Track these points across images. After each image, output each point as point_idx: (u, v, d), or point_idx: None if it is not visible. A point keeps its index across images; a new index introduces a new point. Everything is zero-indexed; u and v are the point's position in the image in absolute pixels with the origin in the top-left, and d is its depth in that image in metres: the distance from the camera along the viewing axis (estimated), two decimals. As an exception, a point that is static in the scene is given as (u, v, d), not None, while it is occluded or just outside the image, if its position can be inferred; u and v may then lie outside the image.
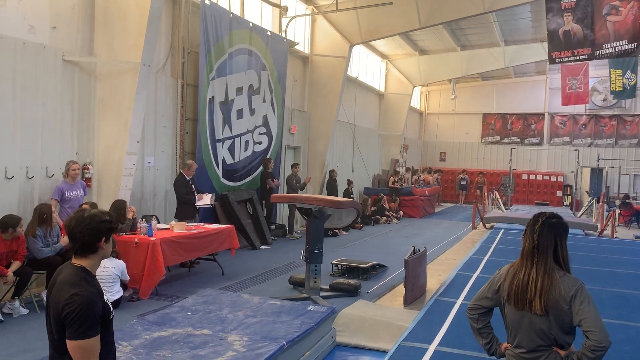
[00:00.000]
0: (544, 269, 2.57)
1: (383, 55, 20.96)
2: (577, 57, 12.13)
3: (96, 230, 2.46)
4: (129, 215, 7.46)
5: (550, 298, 2.52)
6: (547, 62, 18.76)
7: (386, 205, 17.43)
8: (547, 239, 2.61)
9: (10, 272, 5.96)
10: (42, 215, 6.42)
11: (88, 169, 7.86)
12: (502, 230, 14.55)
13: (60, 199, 7.12)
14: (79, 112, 7.83)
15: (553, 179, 25.42)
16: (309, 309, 5.49)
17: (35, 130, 7.16)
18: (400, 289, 7.41)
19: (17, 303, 6.11)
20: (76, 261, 2.48)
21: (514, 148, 24.56)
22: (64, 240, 6.48)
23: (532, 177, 25.74)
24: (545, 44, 15.13)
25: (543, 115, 25.86)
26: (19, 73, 6.86)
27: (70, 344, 2.30)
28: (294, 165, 13.08)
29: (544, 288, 2.52)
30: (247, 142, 11.75)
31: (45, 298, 6.25)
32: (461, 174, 25.32)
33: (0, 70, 6.62)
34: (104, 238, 2.49)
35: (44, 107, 7.25)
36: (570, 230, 11.43)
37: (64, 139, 7.60)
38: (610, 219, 15.15)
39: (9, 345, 5.13)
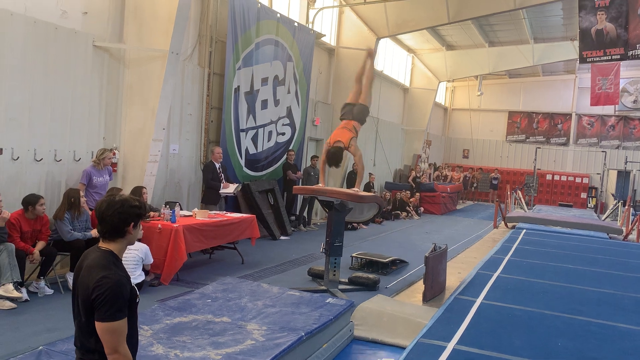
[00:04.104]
0: None
1: (409, 49, 20.79)
2: (609, 57, 11.88)
3: (126, 214, 2.50)
4: (145, 198, 7.54)
5: None
6: (577, 61, 18.45)
7: (409, 200, 17.37)
8: None
9: (36, 250, 6.10)
10: (70, 199, 6.53)
11: (114, 154, 7.97)
12: (524, 230, 14.37)
13: (87, 184, 7.25)
14: (107, 98, 7.94)
15: (578, 180, 25.02)
16: (327, 301, 5.51)
17: (65, 114, 7.28)
18: (420, 286, 7.39)
19: (42, 283, 6.24)
20: (104, 245, 2.52)
21: (539, 147, 24.21)
22: (95, 232, 6.61)
23: (556, 177, 25.37)
24: (576, 43, 14.83)
25: (570, 115, 25.42)
26: (50, 57, 6.98)
27: (99, 326, 2.35)
28: (313, 157, 13.02)
29: None
30: (270, 133, 11.79)
31: (70, 280, 6.39)
32: (493, 173, 25.10)
33: (33, 54, 6.74)
34: (132, 223, 2.53)
35: (74, 92, 7.37)
36: (594, 234, 11.33)
37: (91, 124, 7.72)
38: (636, 223, 14.86)
39: (34, 324, 5.26)
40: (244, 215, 8.95)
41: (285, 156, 12.22)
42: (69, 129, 7.37)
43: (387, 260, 8.70)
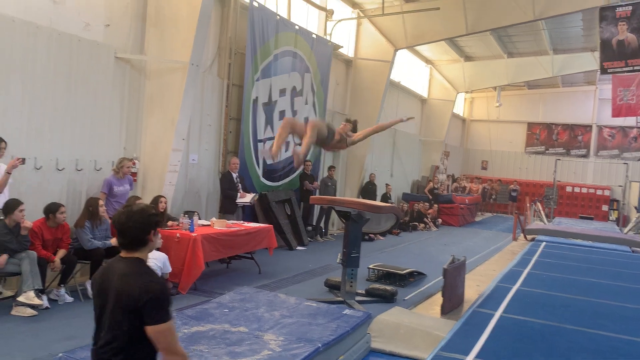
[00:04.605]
0: None
1: (427, 61, 20.77)
2: (631, 68, 11.73)
3: (146, 223, 2.54)
4: (160, 207, 7.60)
5: None
6: (598, 72, 18.25)
7: (427, 212, 17.27)
8: None
9: (57, 258, 6.18)
10: (88, 207, 6.64)
11: (134, 163, 8.06)
12: (544, 243, 14.18)
13: (108, 193, 7.35)
14: (128, 108, 8.05)
15: (599, 192, 24.61)
16: (344, 312, 5.48)
17: (86, 124, 7.41)
18: (438, 298, 7.31)
19: (62, 290, 6.31)
20: (127, 255, 2.55)
21: (559, 159, 23.91)
22: (115, 241, 6.68)
23: (576, 189, 25.02)
24: (597, 54, 14.69)
25: (591, 126, 25.10)
26: (73, 68, 7.11)
27: (154, 328, 2.39)
28: (330, 168, 13.15)
29: None
30: (287, 143, 11.80)
31: (90, 289, 6.46)
32: (512, 185, 24.82)
33: (56, 65, 6.88)
34: (152, 231, 2.57)
35: (95, 102, 7.50)
36: (617, 247, 11.13)
37: (112, 134, 7.84)
38: (660, 237, 14.56)
39: (54, 331, 5.31)
40: (261, 225, 8.98)
41: (302, 166, 12.25)
42: (90, 139, 7.49)
43: (404, 272, 8.64)
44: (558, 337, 5.93)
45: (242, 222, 8.96)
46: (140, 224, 2.52)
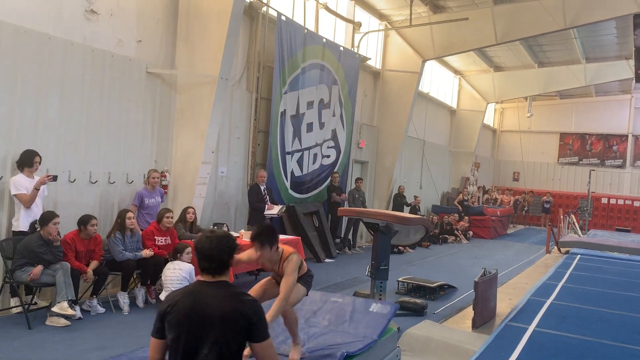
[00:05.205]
0: None
1: (456, 71, 20.63)
2: (668, 76, 11.44)
3: (232, 248, 2.68)
4: (188, 218, 7.69)
5: None
6: (633, 81, 17.79)
7: (457, 224, 17.05)
8: None
9: (89, 270, 6.29)
10: (117, 219, 6.78)
11: (165, 176, 8.20)
12: (579, 256, 13.82)
13: (139, 205, 7.47)
14: (159, 122, 8.20)
15: (637, 203, 23.91)
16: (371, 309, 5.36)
17: (118, 138, 7.57)
18: (469, 312, 7.18)
19: (95, 301, 6.42)
20: (213, 279, 2.63)
21: (594, 170, 23.34)
22: (145, 252, 6.80)
23: (612, 201, 24.35)
24: (632, 62, 14.38)
25: (626, 136, 24.46)
26: (106, 84, 7.30)
27: (262, 345, 2.58)
28: (357, 180, 13.10)
29: None
30: (315, 155, 11.86)
31: (122, 299, 6.55)
32: (545, 196, 24.33)
33: (90, 81, 7.07)
34: (234, 254, 2.71)
35: (127, 116, 7.66)
36: (656, 260, 10.34)
37: (144, 147, 7.98)
38: (702, 250, 14.02)
39: (86, 342, 5.39)
40: (289, 237, 8.98)
41: (329, 178, 12.26)
42: (123, 152, 7.65)
43: (434, 285, 8.52)
44: (594, 352, 5.75)
45: (270, 234, 8.97)
46: (228, 248, 2.65)
